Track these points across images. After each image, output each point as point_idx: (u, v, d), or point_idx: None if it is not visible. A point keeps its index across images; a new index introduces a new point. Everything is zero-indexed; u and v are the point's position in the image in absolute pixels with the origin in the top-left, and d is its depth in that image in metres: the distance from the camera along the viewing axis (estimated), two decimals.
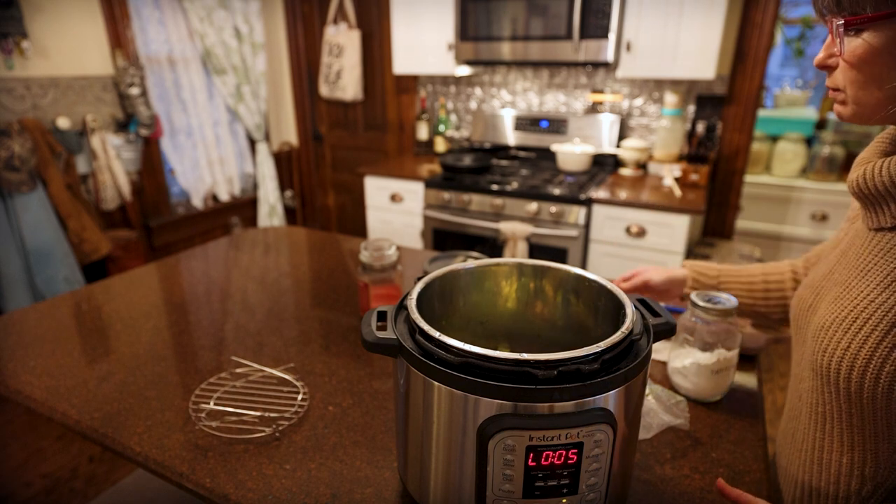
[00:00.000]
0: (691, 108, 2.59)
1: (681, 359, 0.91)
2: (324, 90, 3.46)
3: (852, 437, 0.60)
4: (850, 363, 0.57)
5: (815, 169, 3.16)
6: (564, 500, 0.56)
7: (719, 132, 2.54)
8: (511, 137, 2.93)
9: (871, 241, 0.62)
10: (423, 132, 3.17)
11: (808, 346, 0.66)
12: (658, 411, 0.85)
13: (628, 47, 2.30)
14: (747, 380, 0.97)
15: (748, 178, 3.21)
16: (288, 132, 3.81)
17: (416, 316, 0.59)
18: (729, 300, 0.86)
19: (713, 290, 0.95)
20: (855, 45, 0.54)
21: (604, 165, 2.73)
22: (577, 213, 2.28)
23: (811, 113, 3.33)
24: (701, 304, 0.86)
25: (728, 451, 0.79)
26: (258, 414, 0.85)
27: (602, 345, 0.54)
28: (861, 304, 0.59)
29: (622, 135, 2.74)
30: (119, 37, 2.67)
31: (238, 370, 0.97)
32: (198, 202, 3.27)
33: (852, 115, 0.60)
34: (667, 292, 1.01)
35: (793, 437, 0.70)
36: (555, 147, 2.67)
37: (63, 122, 2.47)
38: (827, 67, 0.60)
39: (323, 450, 0.79)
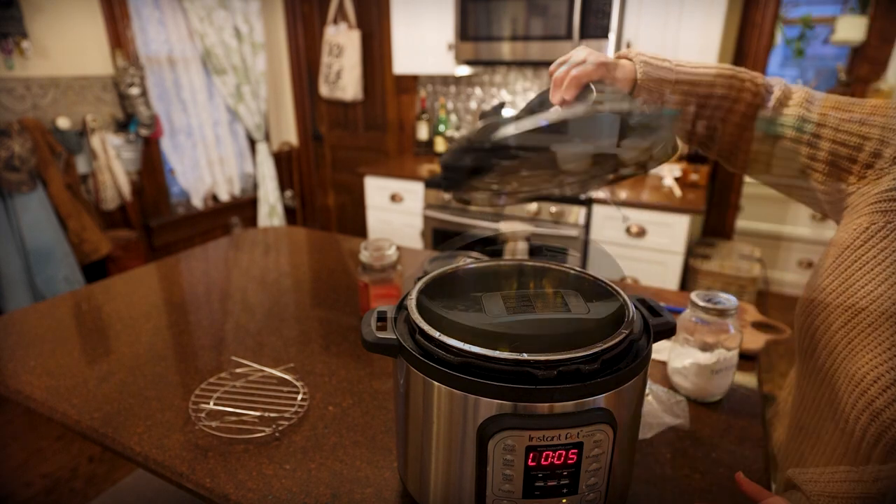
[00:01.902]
0: None
1: (681, 359, 0.91)
2: (324, 90, 3.46)
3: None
4: None
5: None
6: (564, 501, 0.56)
7: None
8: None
9: None
10: (423, 132, 3.17)
11: (843, 390, 0.57)
12: (658, 411, 0.85)
13: (628, 47, 2.30)
14: (747, 380, 0.97)
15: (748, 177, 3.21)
16: (288, 132, 3.81)
17: (415, 316, 0.59)
18: (729, 300, 0.86)
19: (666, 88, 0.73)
20: None
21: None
22: (577, 213, 2.28)
23: None
24: (701, 304, 0.86)
25: (728, 451, 0.79)
26: (258, 414, 0.85)
27: (602, 345, 0.54)
28: None
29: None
30: (119, 37, 2.67)
31: (238, 370, 0.97)
32: (198, 202, 3.27)
33: None
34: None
35: (800, 459, 0.64)
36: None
37: (63, 122, 2.47)
38: None
39: (323, 450, 0.79)
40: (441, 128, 3.11)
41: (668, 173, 2.42)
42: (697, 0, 2.14)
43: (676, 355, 0.92)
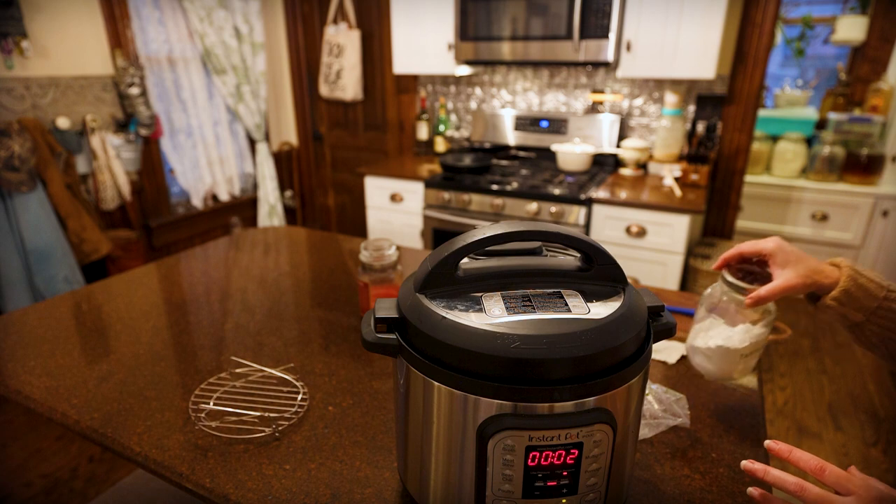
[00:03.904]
0: (691, 108, 2.59)
1: (706, 339, 0.85)
2: (324, 90, 3.46)
3: None
4: None
5: (815, 169, 3.16)
6: (564, 501, 0.56)
7: (719, 132, 2.54)
8: (511, 137, 2.93)
9: None
10: (423, 132, 3.17)
11: None
12: (658, 411, 0.85)
13: (628, 47, 2.30)
14: (747, 380, 0.97)
15: (748, 177, 3.21)
16: (288, 132, 3.81)
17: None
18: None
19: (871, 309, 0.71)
20: None
21: (604, 165, 2.73)
22: (577, 213, 2.28)
23: (811, 113, 3.33)
24: (735, 282, 0.80)
25: (728, 451, 0.79)
26: (258, 414, 0.85)
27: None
28: None
29: (622, 135, 2.74)
30: (119, 37, 2.67)
31: (238, 370, 0.97)
32: (198, 202, 3.27)
33: None
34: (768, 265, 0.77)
35: None
36: (555, 147, 2.67)
37: (63, 122, 2.47)
38: None
39: (323, 450, 0.79)
40: (441, 128, 3.11)
41: (668, 173, 2.41)
42: (697, 0, 2.14)
43: (703, 335, 0.86)
